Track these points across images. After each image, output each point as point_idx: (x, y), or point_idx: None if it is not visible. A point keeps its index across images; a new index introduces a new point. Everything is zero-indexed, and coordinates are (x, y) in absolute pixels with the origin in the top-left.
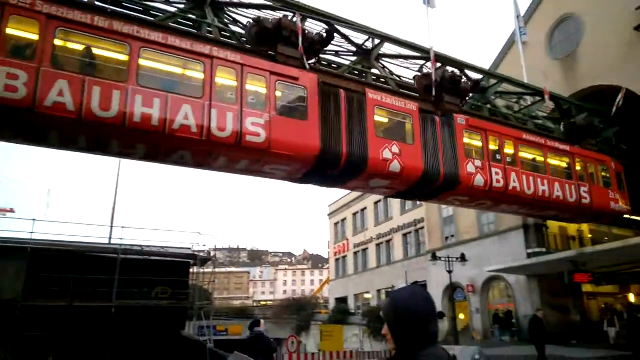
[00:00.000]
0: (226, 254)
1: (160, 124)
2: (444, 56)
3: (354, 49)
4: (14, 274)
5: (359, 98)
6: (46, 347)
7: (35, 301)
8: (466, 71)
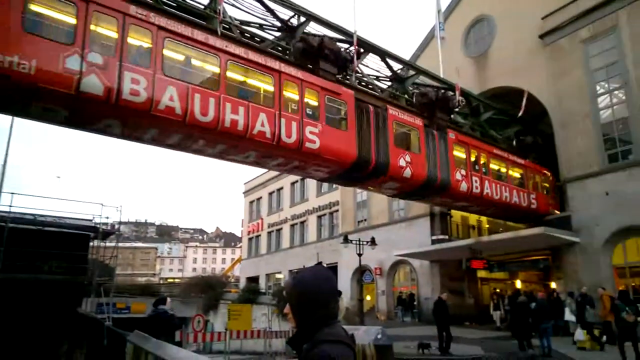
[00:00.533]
0: (132, 228)
1: (244, 128)
2: (367, 42)
3: (278, 24)
4: None
5: (383, 113)
6: None
7: None
8: (387, 59)
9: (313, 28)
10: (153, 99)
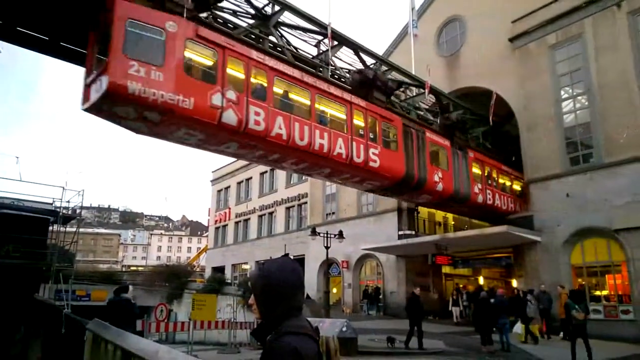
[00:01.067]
0: (95, 214)
1: (328, 151)
2: (341, 35)
3: (252, 11)
4: None
5: (422, 135)
6: None
7: None
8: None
9: (287, 18)
10: (268, 127)
